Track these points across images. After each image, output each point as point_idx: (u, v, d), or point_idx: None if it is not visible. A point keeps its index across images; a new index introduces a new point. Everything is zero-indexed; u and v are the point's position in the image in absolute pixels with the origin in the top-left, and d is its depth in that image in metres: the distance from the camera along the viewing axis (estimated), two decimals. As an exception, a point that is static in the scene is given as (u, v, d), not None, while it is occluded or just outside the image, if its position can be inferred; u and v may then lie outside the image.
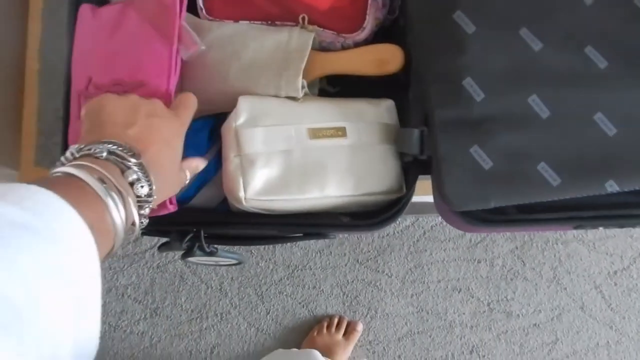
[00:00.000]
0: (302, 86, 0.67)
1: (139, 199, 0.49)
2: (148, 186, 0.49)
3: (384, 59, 0.69)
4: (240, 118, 0.65)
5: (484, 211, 0.63)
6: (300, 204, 0.64)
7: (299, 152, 0.65)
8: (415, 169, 0.67)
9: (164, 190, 0.54)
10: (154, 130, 0.52)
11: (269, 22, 0.70)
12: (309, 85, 0.70)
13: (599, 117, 0.60)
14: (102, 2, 0.69)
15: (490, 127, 0.60)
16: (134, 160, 0.48)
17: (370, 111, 0.69)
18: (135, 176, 0.48)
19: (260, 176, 0.63)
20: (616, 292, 1.57)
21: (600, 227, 0.66)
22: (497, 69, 0.61)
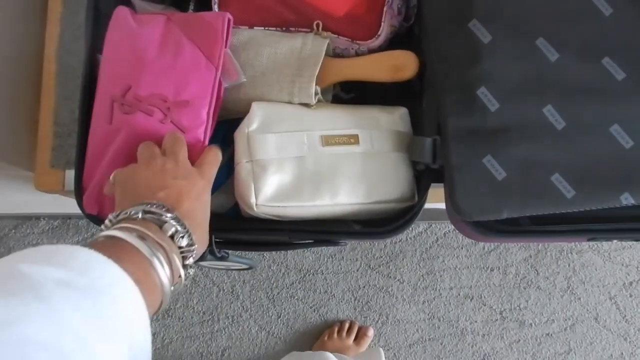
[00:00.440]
0: (316, 92, 0.67)
1: (181, 250, 0.50)
2: (188, 237, 0.51)
3: (399, 65, 0.69)
4: (253, 124, 0.65)
5: (496, 221, 0.62)
6: (311, 210, 0.64)
7: (311, 159, 0.65)
8: (427, 177, 0.67)
9: (203, 239, 0.56)
10: (182, 191, 0.55)
11: (284, 28, 0.71)
12: (323, 92, 0.70)
13: (615, 129, 0.59)
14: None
15: (504, 137, 0.60)
16: (169, 215, 0.50)
17: (384, 118, 0.68)
18: (173, 229, 0.50)
19: (272, 182, 0.63)
20: (631, 304, 1.55)
21: (615, 240, 0.65)
22: (513, 78, 0.60)
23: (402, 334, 1.54)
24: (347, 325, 1.50)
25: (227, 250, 0.72)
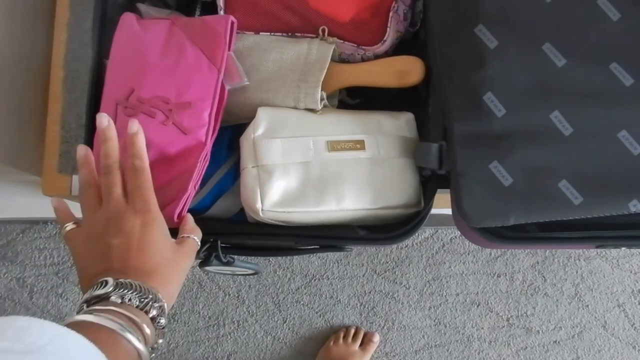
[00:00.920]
0: (321, 98, 0.67)
1: (138, 306, 0.50)
2: (136, 293, 0.50)
3: (405, 70, 0.69)
4: (259, 129, 0.65)
5: (503, 228, 0.62)
6: (317, 216, 0.64)
7: (317, 164, 0.64)
8: (433, 183, 0.67)
9: (166, 279, 0.54)
10: (118, 251, 0.53)
11: (290, 33, 0.71)
12: (328, 97, 0.70)
13: (623, 135, 0.58)
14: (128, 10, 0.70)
15: (510, 143, 0.60)
16: (109, 287, 0.49)
17: (390, 124, 0.68)
18: (118, 298, 0.49)
19: (278, 187, 0.63)
20: (640, 311, 1.54)
21: (623, 248, 0.64)
22: (519, 84, 0.60)
23: (408, 340, 1.53)
24: (352, 331, 1.50)
25: (232, 256, 0.72)
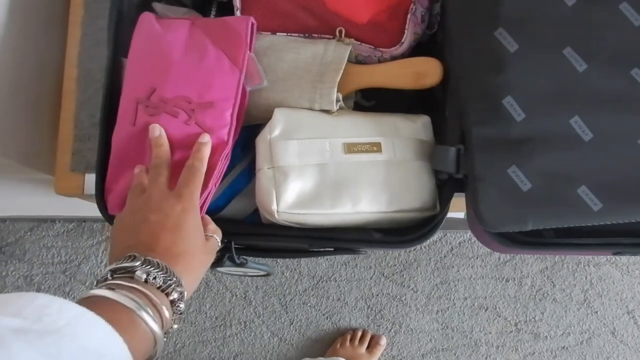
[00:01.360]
0: (337, 99, 0.67)
1: (160, 287, 0.50)
2: (163, 273, 0.50)
3: (422, 72, 0.68)
4: (275, 130, 0.65)
5: (519, 233, 0.61)
6: (332, 218, 0.64)
7: (333, 166, 0.64)
8: (450, 187, 0.66)
9: (190, 266, 0.55)
10: (154, 229, 0.55)
11: (306, 34, 0.70)
12: (344, 99, 0.69)
13: (643, 141, 0.58)
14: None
15: (529, 147, 0.59)
16: (137, 263, 0.50)
17: (407, 127, 0.68)
18: (144, 275, 0.49)
19: (293, 189, 0.63)
20: (649, 318, 1.53)
21: (641, 255, 0.64)
22: (539, 88, 0.59)
23: (415, 343, 1.52)
24: (359, 334, 1.49)
25: (246, 257, 0.72)
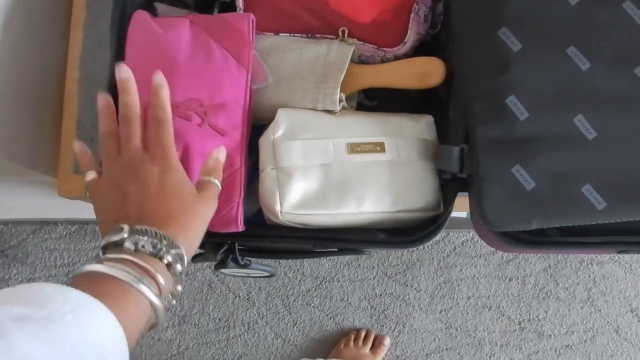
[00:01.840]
0: (340, 99, 0.67)
1: (152, 253, 0.48)
2: (152, 238, 0.49)
3: (426, 72, 0.68)
4: (278, 130, 0.65)
5: (524, 232, 0.61)
6: (336, 219, 0.64)
7: (337, 167, 0.64)
8: (454, 186, 0.66)
9: (187, 225, 0.53)
10: (135, 197, 0.52)
11: (309, 34, 0.70)
12: (347, 99, 0.69)
13: (648, 139, 0.58)
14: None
15: (533, 146, 0.59)
16: (124, 233, 0.48)
17: (410, 127, 0.68)
18: (132, 245, 0.48)
19: (297, 190, 0.63)
20: (653, 316, 1.53)
21: (646, 253, 0.64)
22: (543, 87, 0.59)
23: (418, 343, 1.52)
24: (363, 334, 1.49)
25: (249, 258, 0.72)
